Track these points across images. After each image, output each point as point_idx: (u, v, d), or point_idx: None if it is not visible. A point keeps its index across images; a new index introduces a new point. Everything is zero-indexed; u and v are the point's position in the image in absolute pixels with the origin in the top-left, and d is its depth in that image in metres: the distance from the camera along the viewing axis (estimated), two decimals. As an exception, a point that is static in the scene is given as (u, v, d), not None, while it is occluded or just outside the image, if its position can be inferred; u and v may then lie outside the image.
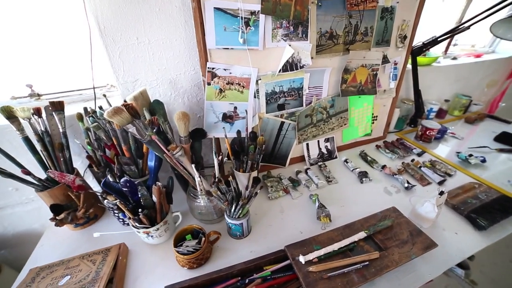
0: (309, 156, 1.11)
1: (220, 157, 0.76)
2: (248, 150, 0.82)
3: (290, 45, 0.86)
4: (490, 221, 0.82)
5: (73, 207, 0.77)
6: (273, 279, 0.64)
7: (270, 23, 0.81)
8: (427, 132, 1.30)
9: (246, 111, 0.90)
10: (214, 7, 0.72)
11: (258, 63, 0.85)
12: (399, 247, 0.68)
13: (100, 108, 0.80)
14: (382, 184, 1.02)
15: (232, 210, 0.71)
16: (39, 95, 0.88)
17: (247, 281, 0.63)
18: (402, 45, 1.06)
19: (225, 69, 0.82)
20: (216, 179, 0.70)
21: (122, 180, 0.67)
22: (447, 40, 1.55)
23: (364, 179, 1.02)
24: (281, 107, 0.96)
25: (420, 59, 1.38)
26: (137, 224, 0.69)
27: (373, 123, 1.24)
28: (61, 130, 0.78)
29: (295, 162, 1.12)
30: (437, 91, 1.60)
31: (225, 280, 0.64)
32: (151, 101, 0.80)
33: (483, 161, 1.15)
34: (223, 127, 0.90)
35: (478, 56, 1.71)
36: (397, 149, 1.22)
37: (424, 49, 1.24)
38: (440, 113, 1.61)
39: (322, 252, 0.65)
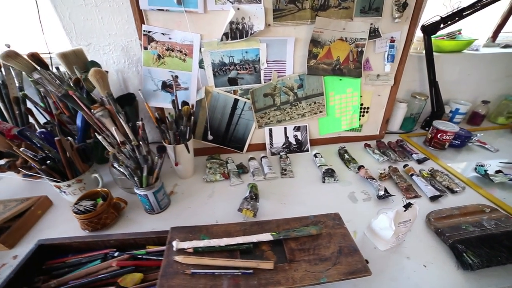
0: (271, 144, 0.95)
1: (140, 122, 0.68)
2: (175, 121, 0.73)
3: (238, 9, 0.73)
4: (484, 260, 0.55)
5: (15, 156, 0.80)
6: (143, 259, 0.53)
7: (211, -19, 0.69)
8: (439, 136, 0.98)
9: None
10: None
11: (201, 29, 0.75)
12: (311, 264, 0.49)
13: (57, 69, 0.81)
14: (350, 187, 0.79)
15: (135, 178, 0.62)
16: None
17: (116, 254, 0.54)
18: (400, 15, 0.81)
19: (163, 34, 0.74)
20: (119, 142, 0.62)
21: (38, 131, 0.66)
22: (499, 20, 1.15)
23: (327, 178, 0.81)
24: (232, 81, 0.83)
25: (444, 42, 1.06)
26: (45, 175, 0.66)
27: (362, 115, 0.99)
28: (17, 85, 0.81)
29: (257, 149, 0.97)
30: (472, 88, 1.21)
31: (102, 249, 0.56)
32: (91, 61, 0.77)
33: None
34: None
35: None
36: (391, 151, 0.95)
37: (441, 25, 0.93)
38: (474, 118, 1.21)
39: (201, 244, 0.51)
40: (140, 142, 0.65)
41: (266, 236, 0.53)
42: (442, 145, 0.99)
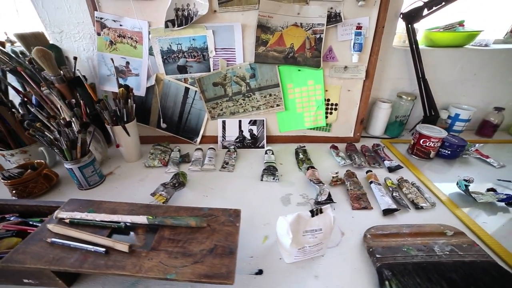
0: (223, 137, 0.89)
1: (73, 100, 0.70)
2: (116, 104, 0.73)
3: (183, -6, 0.71)
4: None
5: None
6: (30, 225, 0.53)
7: (155, -33, 0.69)
8: (422, 142, 0.81)
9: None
10: None
11: (149, 16, 0.75)
12: (170, 256, 0.42)
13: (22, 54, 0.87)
14: (290, 189, 0.70)
15: (57, 150, 0.63)
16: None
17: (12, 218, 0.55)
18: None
19: (114, 20, 0.76)
20: (49, 117, 0.64)
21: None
22: None
23: (266, 176, 0.72)
24: (182, 69, 0.81)
25: (437, 34, 0.90)
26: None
27: (330, 113, 0.88)
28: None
29: (212, 142, 0.92)
30: (480, 92, 0.99)
31: (7, 213, 0.57)
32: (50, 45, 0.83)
33: (509, 203, 0.61)
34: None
35: None
36: (358, 155, 0.81)
37: (425, 12, 0.78)
38: (484, 128, 0.98)
39: (78, 216, 0.48)
40: (73, 119, 0.66)
41: (142, 219, 0.48)
42: (426, 153, 0.81)
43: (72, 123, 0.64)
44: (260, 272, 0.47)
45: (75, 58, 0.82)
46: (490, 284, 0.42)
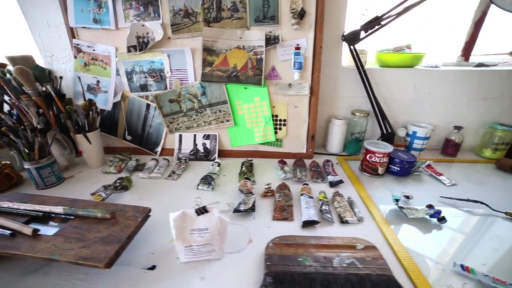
0: (179, 149, 0.94)
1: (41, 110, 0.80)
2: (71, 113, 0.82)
3: (143, 25, 0.83)
4: None
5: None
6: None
7: (121, 5, 0.82)
8: (368, 157, 0.79)
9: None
10: (71, -8, 0.83)
11: (116, 42, 0.87)
12: (66, 240, 0.46)
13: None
14: (220, 198, 0.71)
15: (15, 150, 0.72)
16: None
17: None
18: (297, 22, 0.76)
19: (88, 46, 0.89)
20: (13, 122, 0.74)
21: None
22: (466, 38, 0.95)
23: (202, 185, 0.75)
24: (143, 87, 0.91)
25: (386, 55, 0.92)
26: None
27: (280, 129, 0.90)
28: None
29: (171, 154, 0.97)
30: (439, 110, 0.97)
31: None
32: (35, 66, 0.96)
33: (441, 219, 0.57)
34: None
35: None
36: (301, 170, 0.81)
37: (360, 35, 0.81)
38: (447, 147, 0.94)
39: (6, 204, 0.54)
40: (38, 126, 0.75)
41: (59, 209, 0.52)
42: (373, 169, 0.79)
43: (27, 129, 0.72)
44: (153, 267, 0.48)
45: (61, 77, 0.95)
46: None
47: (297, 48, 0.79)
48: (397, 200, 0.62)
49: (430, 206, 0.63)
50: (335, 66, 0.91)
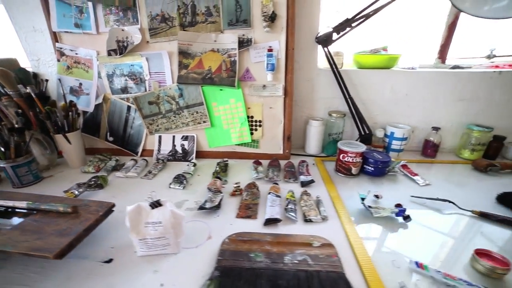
0: (159, 150, 0.96)
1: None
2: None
3: (123, 30, 0.86)
4: None
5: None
6: None
7: (101, 10, 0.86)
8: (342, 157, 0.79)
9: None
10: (55, -1, 0.87)
11: (97, 46, 0.90)
12: (23, 234, 0.47)
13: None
14: (190, 196, 0.72)
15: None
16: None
17: None
18: (268, 25, 0.78)
19: (71, 50, 0.93)
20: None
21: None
22: (441, 41, 0.96)
23: (173, 184, 0.76)
24: (124, 90, 0.93)
25: (362, 57, 0.94)
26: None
27: (255, 129, 0.91)
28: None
29: (151, 155, 0.99)
30: (418, 112, 0.97)
31: None
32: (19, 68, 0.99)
33: (406, 217, 0.57)
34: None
35: None
36: (274, 170, 0.82)
37: (332, 37, 0.83)
38: (426, 148, 0.94)
39: None
40: (17, 125, 0.78)
41: (22, 204, 0.54)
42: (347, 169, 0.79)
43: (4, 128, 0.74)
44: (109, 261, 0.49)
45: (47, 80, 0.99)
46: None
47: (270, 50, 0.81)
48: (363, 199, 0.62)
49: (398, 205, 0.63)
50: (311, 68, 0.93)
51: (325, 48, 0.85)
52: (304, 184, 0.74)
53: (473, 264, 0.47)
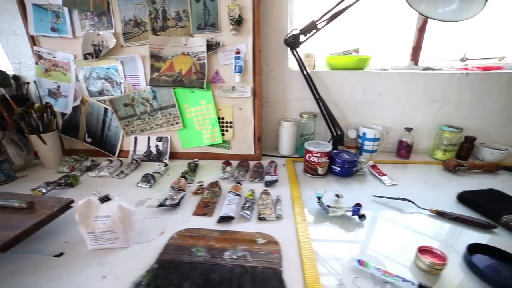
0: (134, 151, 0.98)
1: None
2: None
3: (99, 34, 0.90)
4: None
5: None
6: None
7: (77, 15, 0.89)
8: (308, 157, 0.81)
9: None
10: (32, 3, 0.91)
11: (74, 50, 0.94)
12: None
13: None
14: (155, 194, 0.74)
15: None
16: None
17: None
18: (234, 28, 0.81)
19: (49, 53, 0.97)
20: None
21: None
22: (413, 43, 0.97)
23: (141, 183, 0.78)
24: (101, 92, 0.96)
25: (332, 58, 0.96)
26: None
27: (226, 131, 0.93)
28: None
29: (128, 156, 1.01)
30: (393, 113, 0.98)
31: None
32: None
33: (360, 216, 0.59)
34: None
35: (489, 68, 0.93)
36: (241, 170, 0.83)
37: (299, 39, 0.85)
38: (400, 148, 0.95)
39: None
40: None
41: None
42: (313, 169, 0.80)
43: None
44: (60, 254, 0.50)
45: (28, 83, 1.02)
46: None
47: (237, 52, 0.83)
48: (319, 198, 0.63)
49: (357, 205, 0.64)
50: (282, 69, 0.95)
51: (294, 50, 0.87)
52: (267, 184, 0.76)
53: (416, 261, 0.48)
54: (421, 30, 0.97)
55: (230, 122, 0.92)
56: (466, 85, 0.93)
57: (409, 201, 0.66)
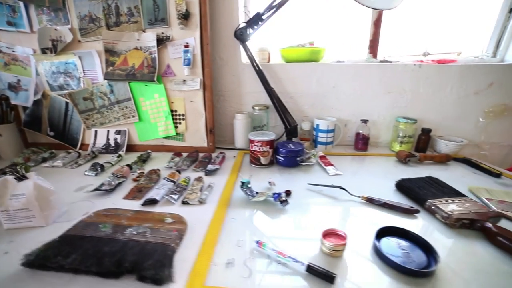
0: (94, 144, 1.02)
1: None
2: None
3: (56, 29, 0.94)
4: (34, 259, 0.43)
5: None
6: None
7: (33, 10, 0.93)
8: (251, 147, 0.82)
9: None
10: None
11: (33, 44, 0.97)
12: None
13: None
14: (99, 181, 0.75)
15: None
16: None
17: None
18: (181, 22, 0.84)
19: (8, 47, 1.00)
20: None
21: None
22: (369, 36, 0.99)
23: (88, 171, 0.81)
24: (61, 87, 1.01)
25: (285, 50, 0.98)
26: None
27: (180, 123, 0.96)
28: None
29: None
30: (350, 105, 0.99)
31: None
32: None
33: (282, 201, 0.60)
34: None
35: (443, 62, 0.93)
36: (186, 160, 0.85)
37: (247, 31, 0.87)
38: (357, 141, 0.96)
39: None
40: None
41: None
42: (256, 159, 0.82)
43: None
44: None
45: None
46: (137, 259, 0.41)
47: (186, 46, 0.86)
48: (242, 183, 0.64)
49: (287, 192, 0.65)
50: (236, 63, 0.97)
51: (243, 43, 0.90)
52: (207, 172, 0.77)
53: (321, 245, 0.47)
54: (377, 23, 0.99)
55: (183, 115, 0.94)
56: (420, 77, 0.94)
57: (341, 188, 0.66)
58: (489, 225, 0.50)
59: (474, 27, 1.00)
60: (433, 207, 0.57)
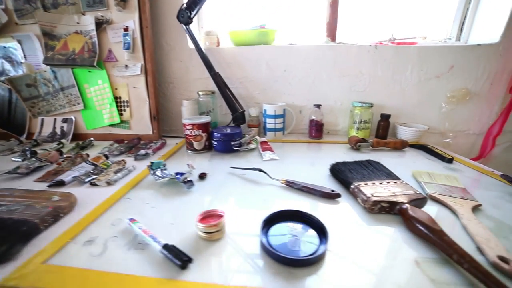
0: (40, 132, 1.00)
1: None
2: None
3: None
4: None
5: None
6: None
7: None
8: (184, 131, 0.79)
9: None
10: None
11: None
12: None
13: None
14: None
15: None
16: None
17: None
18: (118, 3, 0.82)
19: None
20: None
21: None
22: (327, 19, 0.95)
23: (13, 158, 0.79)
24: (2, 73, 0.99)
25: (232, 33, 0.94)
26: None
27: (124, 110, 0.93)
28: None
29: (38, 138, 1.03)
30: (303, 90, 0.95)
31: None
32: None
33: (186, 182, 0.56)
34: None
35: (402, 44, 0.88)
36: (122, 146, 0.83)
37: (190, 14, 0.84)
38: (310, 128, 0.91)
39: None
40: None
41: None
42: (190, 144, 0.78)
43: None
44: None
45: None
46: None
47: (125, 29, 0.84)
48: (151, 164, 0.60)
49: (202, 174, 0.61)
50: (182, 48, 0.95)
51: (185, 26, 0.87)
52: (137, 157, 0.74)
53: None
54: (333, 4, 0.94)
55: (127, 102, 0.92)
56: (377, 59, 0.89)
57: (261, 171, 0.62)
58: (406, 205, 0.44)
59: (439, 11, 0.95)
60: (356, 190, 0.52)
